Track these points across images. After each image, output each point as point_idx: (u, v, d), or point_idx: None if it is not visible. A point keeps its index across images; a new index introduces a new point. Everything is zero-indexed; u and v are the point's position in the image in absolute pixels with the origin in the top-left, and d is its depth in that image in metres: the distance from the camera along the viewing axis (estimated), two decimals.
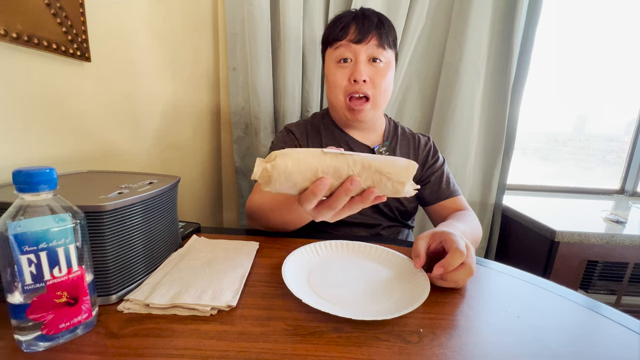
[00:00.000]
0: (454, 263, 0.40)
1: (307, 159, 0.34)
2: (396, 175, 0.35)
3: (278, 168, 0.33)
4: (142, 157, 0.74)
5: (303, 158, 0.34)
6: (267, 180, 0.34)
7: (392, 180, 0.35)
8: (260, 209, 0.60)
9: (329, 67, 0.69)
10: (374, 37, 0.64)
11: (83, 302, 0.30)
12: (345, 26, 0.65)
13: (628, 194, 1.42)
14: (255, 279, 0.43)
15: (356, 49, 0.65)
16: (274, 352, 0.30)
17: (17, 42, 0.44)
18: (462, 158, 1.11)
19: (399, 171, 0.35)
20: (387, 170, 0.35)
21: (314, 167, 0.34)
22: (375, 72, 0.66)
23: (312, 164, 0.34)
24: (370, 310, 0.36)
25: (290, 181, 0.34)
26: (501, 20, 1.03)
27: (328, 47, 0.69)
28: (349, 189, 0.34)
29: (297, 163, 0.33)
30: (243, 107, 1.04)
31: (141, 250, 0.40)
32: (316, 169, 0.34)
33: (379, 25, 0.65)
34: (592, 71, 1.41)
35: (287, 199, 0.52)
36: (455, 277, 0.41)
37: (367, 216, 0.72)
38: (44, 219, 0.27)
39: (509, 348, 0.32)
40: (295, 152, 0.34)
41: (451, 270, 0.40)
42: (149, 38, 0.73)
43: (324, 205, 0.37)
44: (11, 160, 0.46)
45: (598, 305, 0.41)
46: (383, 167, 0.35)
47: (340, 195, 0.35)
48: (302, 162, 0.34)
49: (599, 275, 0.99)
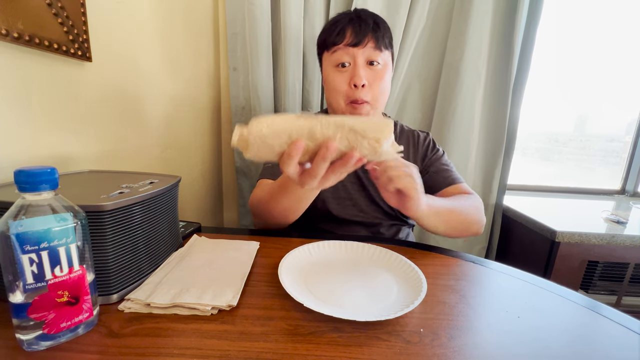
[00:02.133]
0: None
1: (281, 122, 0.35)
2: (371, 132, 0.35)
3: (253, 132, 0.34)
4: (142, 156, 0.74)
5: (277, 122, 0.35)
6: (245, 145, 0.35)
7: (368, 138, 0.35)
8: (260, 202, 0.61)
9: (328, 71, 0.69)
10: (371, 40, 0.65)
11: (84, 301, 0.30)
12: (341, 30, 0.65)
13: (629, 194, 1.42)
14: (255, 279, 0.43)
15: (354, 52, 0.65)
16: (275, 351, 0.30)
17: (18, 42, 0.44)
18: (462, 158, 1.11)
19: (373, 127, 0.35)
20: (361, 127, 0.35)
21: (288, 129, 0.35)
22: (373, 75, 0.66)
23: (286, 126, 0.35)
24: (370, 310, 0.36)
25: (266, 145, 0.35)
26: (502, 21, 1.03)
27: (325, 51, 0.70)
28: (325, 155, 0.35)
29: (271, 126, 0.34)
30: (244, 106, 1.04)
31: (142, 249, 0.40)
32: (290, 131, 0.35)
33: (375, 27, 0.66)
34: (592, 71, 1.41)
35: (282, 184, 0.53)
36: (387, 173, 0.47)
37: (367, 214, 0.73)
38: (46, 218, 0.27)
39: (509, 348, 0.32)
40: (270, 117, 0.35)
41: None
42: (149, 38, 0.73)
43: (306, 174, 0.38)
44: (12, 159, 0.46)
45: (598, 305, 0.41)
46: (357, 125, 0.35)
47: (319, 161, 0.36)
48: (276, 125, 0.34)
49: (600, 276, 0.99)
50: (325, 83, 0.71)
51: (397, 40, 1.00)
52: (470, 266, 0.51)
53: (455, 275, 0.47)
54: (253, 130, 0.34)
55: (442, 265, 0.50)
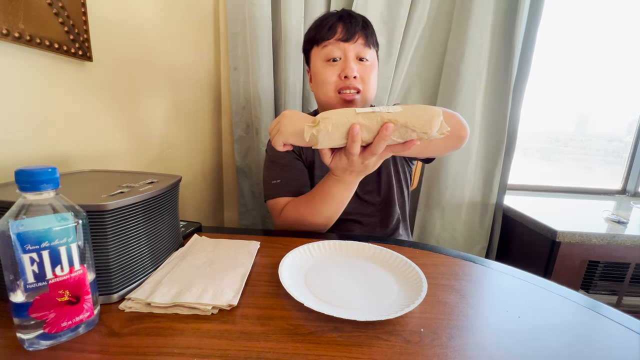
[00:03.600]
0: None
1: (343, 120, 0.42)
2: (420, 128, 0.42)
3: (322, 131, 0.42)
4: (143, 156, 0.74)
5: (340, 119, 0.42)
6: (315, 141, 0.44)
7: (417, 132, 0.42)
8: (298, 219, 0.65)
9: (317, 66, 0.70)
10: (361, 36, 0.67)
11: (85, 300, 0.31)
12: (332, 26, 0.66)
13: (630, 194, 1.41)
14: (256, 279, 0.43)
15: (345, 47, 0.66)
16: (275, 351, 0.30)
17: (19, 41, 0.44)
18: (463, 158, 1.11)
19: (422, 125, 0.42)
20: (412, 124, 0.42)
21: (349, 124, 0.42)
22: (363, 70, 0.67)
23: (346, 123, 0.42)
24: (371, 310, 0.36)
25: (332, 139, 0.44)
26: (503, 20, 1.03)
27: (314, 46, 0.70)
28: (385, 134, 0.42)
29: (335, 125, 0.42)
30: (244, 106, 1.04)
31: (143, 249, 0.40)
32: (349, 124, 0.43)
33: (364, 26, 0.68)
34: (593, 71, 1.41)
35: (323, 192, 0.60)
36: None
37: (355, 211, 0.75)
38: (46, 218, 0.27)
39: (509, 348, 0.32)
40: (333, 115, 0.42)
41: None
42: (150, 38, 0.73)
43: (367, 152, 0.46)
44: (13, 159, 0.46)
45: (599, 305, 0.41)
46: (409, 121, 0.42)
47: (380, 140, 0.43)
48: (339, 122, 0.42)
49: (600, 276, 0.99)
50: (314, 77, 0.72)
51: (397, 40, 1.00)
52: (470, 266, 0.51)
53: (455, 275, 0.47)
54: (322, 130, 0.42)
55: (442, 265, 0.50)
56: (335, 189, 0.58)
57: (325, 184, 0.60)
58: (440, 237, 1.19)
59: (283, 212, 0.68)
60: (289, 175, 0.72)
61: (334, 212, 0.63)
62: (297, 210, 0.66)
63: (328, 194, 0.60)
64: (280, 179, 0.72)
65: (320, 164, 0.76)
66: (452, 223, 1.18)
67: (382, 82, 1.02)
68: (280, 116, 0.49)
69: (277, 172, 0.73)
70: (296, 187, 0.71)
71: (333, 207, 0.61)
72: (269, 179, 0.73)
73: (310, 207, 0.63)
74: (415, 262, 0.45)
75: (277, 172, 0.73)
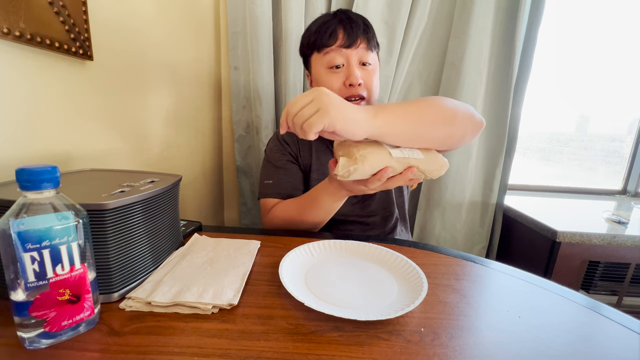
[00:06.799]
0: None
1: (379, 163, 0.46)
2: (430, 173, 0.50)
3: (359, 170, 0.45)
4: (143, 155, 0.74)
5: (376, 162, 0.46)
6: (347, 176, 0.46)
7: (425, 175, 0.50)
8: (286, 220, 0.66)
9: (319, 73, 0.68)
10: (363, 41, 0.65)
11: (85, 299, 0.31)
12: (333, 31, 0.65)
13: (630, 194, 1.41)
14: (256, 278, 0.43)
15: (347, 53, 0.65)
16: (275, 350, 0.30)
17: (19, 40, 0.44)
18: (463, 158, 1.11)
19: (432, 171, 0.49)
20: (427, 170, 0.49)
21: (383, 166, 0.47)
22: (366, 75, 0.66)
23: (381, 165, 0.46)
24: (371, 310, 0.36)
25: (362, 175, 0.47)
26: (503, 20, 1.03)
27: (315, 52, 0.68)
28: (407, 177, 0.48)
29: (372, 166, 0.46)
30: (244, 106, 1.04)
31: (143, 248, 0.40)
32: (380, 166, 0.47)
33: (365, 29, 0.66)
34: (594, 71, 1.40)
35: (314, 200, 0.62)
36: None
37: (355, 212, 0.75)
38: (47, 216, 0.27)
39: (509, 348, 0.32)
40: (369, 156, 0.45)
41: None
42: (151, 37, 0.73)
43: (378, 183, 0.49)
44: (14, 158, 0.46)
45: (599, 305, 0.41)
46: (426, 168, 0.49)
47: (400, 179, 0.48)
48: (375, 165, 0.46)
49: (601, 276, 0.99)
50: (316, 84, 0.70)
51: (398, 39, 0.99)
52: (470, 266, 0.51)
53: (455, 275, 0.47)
54: (359, 169, 0.45)
55: (442, 265, 0.50)
56: (326, 199, 0.60)
57: (316, 192, 0.61)
58: (441, 237, 1.19)
59: (270, 213, 0.69)
60: (281, 177, 0.73)
61: (322, 218, 0.64)
62: (285, 212, 0.67)
63: (318, 202, 0.61)
64: (273, 180, 0.72)
65: (317, 168, 0.75)
66: (453, 223, 1.18)
67: (383, 81, 1.02)
68: (318, 93, 0.41)
69: (270, 172, 0.74)
70: (287, 190, 0.71)
71: (322, 214, 0.63)
72: (262, 178, 0.75)
73: (299, 212, 0.64)
74: (415, 262, 0.45)
75: (271, 173, 0.74)
